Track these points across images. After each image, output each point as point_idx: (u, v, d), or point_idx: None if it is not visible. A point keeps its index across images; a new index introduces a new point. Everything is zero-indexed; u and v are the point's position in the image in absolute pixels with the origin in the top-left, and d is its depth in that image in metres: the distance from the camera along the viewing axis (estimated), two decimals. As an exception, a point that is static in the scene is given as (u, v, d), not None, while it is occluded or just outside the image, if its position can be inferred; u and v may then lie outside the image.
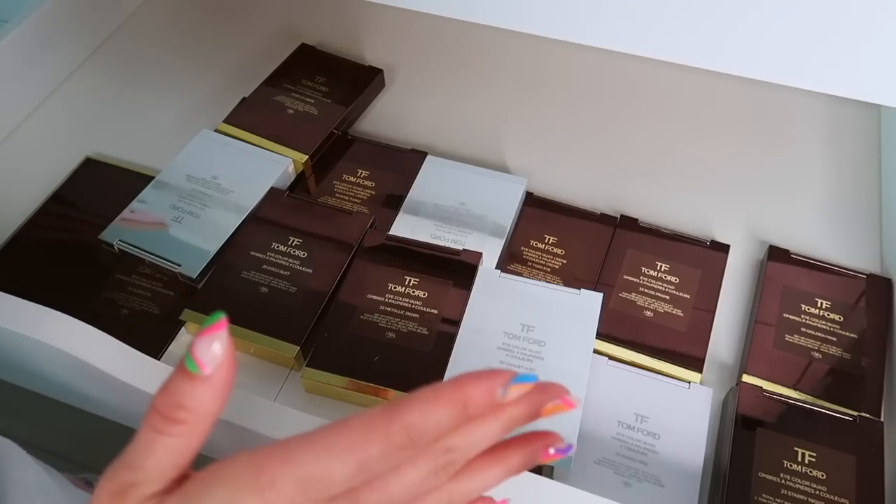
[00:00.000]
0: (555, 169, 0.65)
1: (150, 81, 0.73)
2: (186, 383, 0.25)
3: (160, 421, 0.25)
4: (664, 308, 0.54)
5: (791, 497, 0.44)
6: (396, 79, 0.73)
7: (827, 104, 0.70)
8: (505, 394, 0.27)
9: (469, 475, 0.29)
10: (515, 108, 0.70)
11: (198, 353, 0.24)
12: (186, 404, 0.25)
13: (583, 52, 0.73)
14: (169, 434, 0.25)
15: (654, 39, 0.36)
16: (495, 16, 0.38)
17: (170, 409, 0.25)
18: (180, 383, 0.25)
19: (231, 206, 0.58)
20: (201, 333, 0.25)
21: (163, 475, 0.25)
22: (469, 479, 0.29)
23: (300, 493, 0.25)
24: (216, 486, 0.25)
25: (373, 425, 0.25)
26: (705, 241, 0.58)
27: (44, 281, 0.56)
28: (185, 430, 0.25)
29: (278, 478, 0.24)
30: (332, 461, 0.25)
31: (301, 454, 0.25)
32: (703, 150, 0.67)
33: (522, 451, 0.30)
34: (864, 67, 0.33)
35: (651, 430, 0.49)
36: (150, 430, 0.25)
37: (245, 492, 0.24)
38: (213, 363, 0.25)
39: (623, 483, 0.47)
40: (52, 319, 0.44)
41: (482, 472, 0.29)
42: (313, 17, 0.79)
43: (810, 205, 0.63)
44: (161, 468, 0.25)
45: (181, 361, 0.25)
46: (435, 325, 0.52)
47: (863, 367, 0.51)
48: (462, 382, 0.27)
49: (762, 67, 0.35)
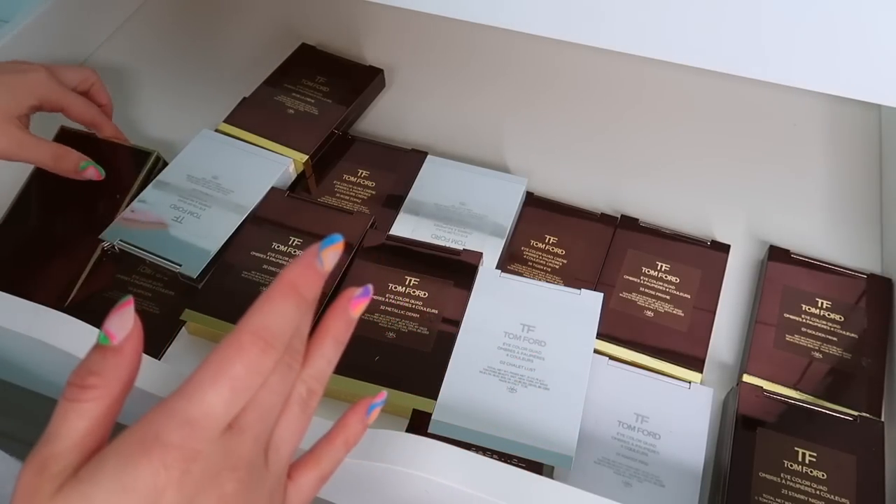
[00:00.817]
0: (555, 169, 0.65)
1: (150, 81, 0.73)
2: (97, 355, 0.27)
3: (73, 391, 0.26)
4: (664, 308, 0.54)
5: (791, 497, 0.44)
6: (396, 79, 0.73)
7: (827, 104, 0.70)
8: (323, 262, 0.29)
9: (312, 358, 0.31)
10: (516, 108, 0.70)
11: (108, 326, 0.27)
12: (95, 370, 0.27)
13: (583, 52, 0.73)
14: (81, 400, 0.26)
15: (654, 39, 0.36)
16: (495, 16, 0.38)
17: (81, 378, 0.26)
18: (91, 356, 0.27)
19: (231, 206, 0.58)
20: (111, 313, 0.27)
21: (79, 443, 0.26)
22: (314, 361, 0.31)
23: (189, 439, 0.25)
24: (108, 458, 0.25)
25: (227, 347, 0.27)
26: (705, 241, 0.58)
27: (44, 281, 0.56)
28: (97, 394, 0.26)
29: (161, 432, 0.25)
30: (205, 395, 0.26)
31: (176, 402, 0.26)
32: (703, 150, 0.67)
33: (336, 316, 0.32)
34: (865, 67, 0.33)
35: (651, 430, 0.49)
36: (65, 402, 0.26)
37: (134, 456, 0.25)
38: (121, 333, 0.27)
39: (623, 483, 0.47)
40: (52, 319, 0.44)
41: (320, 350, 0.31)
42: (313, 17, 0.79)
43: (810, 205, 0.63)
44: (76, 434, 0.26)
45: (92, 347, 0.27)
46: (435, 325, 0.52)
47: (863, 367, 0.51)
48: (283, 272, 0.28)
49: (763, 68, 0.35)
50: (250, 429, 0.28)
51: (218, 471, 0.27)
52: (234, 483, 0.27)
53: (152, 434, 0.25)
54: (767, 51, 0.34)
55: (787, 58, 0.34)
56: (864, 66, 0.33)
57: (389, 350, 0.51)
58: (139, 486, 0.25)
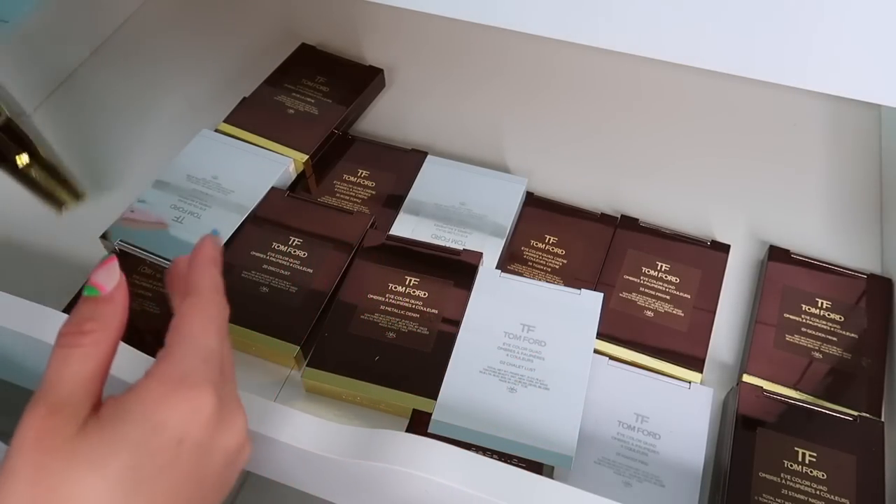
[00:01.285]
0: (555, 169, 0.65)
1: (150, 81, 0.73)
2: (89, 305, 0.28)
3: (70, 338, 0.27)
4: (664, 308, 0.54)
5: (791, 497, 0.44)
6: (396, 79, 0.73)
7: (827, 104, 0.70)
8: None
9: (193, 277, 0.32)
10: (515, 107, 0.70)
11: (97, 279, 0.28)
12: (92, 317, 0.28)
13: (583, 51, 0.73)
14: (82, 345, 0.27)
15: (654, 39, 0.36)
16: (495, 16, 0.38)
17: (77, 326, 0.27)
18: (83, 308, 0.28)
19: (232, 206, 0.58)
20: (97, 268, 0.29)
21: (86, 385, 0.27)
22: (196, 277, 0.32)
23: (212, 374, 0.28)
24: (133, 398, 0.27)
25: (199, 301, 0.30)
26: (705, 241, 0.58)
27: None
28: (97, 337, 0.27)
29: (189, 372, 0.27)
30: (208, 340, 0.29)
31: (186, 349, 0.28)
32: (703, 150, 0.67)
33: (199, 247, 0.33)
34: (865, 67, 0.33)
35: (651, 430, 0.49)
36: (62, 349, 0.27)
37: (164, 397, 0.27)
38: (110, 284, 0.28)
39: (623, 483, 0.47)
40: (52, 319, 0.44)
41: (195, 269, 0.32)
42: (313, 17, 0.79)
43: (811, 205, 0.63)
44: (81, 377, 0.27)
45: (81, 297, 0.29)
46: (435, 325, 0.52)
47: (863, 367, 0.51)
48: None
49: (762, 68, 0.35)
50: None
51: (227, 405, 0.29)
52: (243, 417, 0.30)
53: (179, 372, 0.27)
54: (767, 51, 0.34)
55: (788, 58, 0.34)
56: (864, 66, 0.33)
57: (389, 350, 0.51)
58: (171, 423, 0.26)
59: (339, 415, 0.51)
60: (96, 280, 0.28)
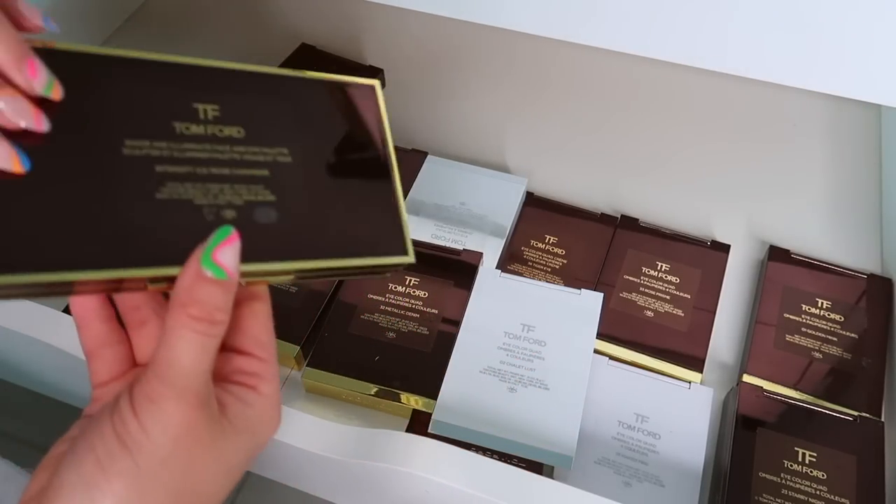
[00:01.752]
0: (555, 169, 0.65)
1: (151, 81, 0.73)
2: (217, 290, 0.25)
3: (205, 325, 0.25)
4: (664, 308, 0.54)
5: (791, 497, 0.44)
6: (396, 79, 0.73)
7: (827, 104, 0.70)
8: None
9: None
10: (515, 107, 0.70)
11: (225, 260, 0.25)
12: (221, 306, 0.26)
13: (583, 52, 0.73)
14: (211, 335, 0.25)
15: (654, 40, 0.36)
16: (495, 16, 0.38)
17: (211, 314, 0.25)
18: (212, 291, 0.25)
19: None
20: (222, 244, 0.25)
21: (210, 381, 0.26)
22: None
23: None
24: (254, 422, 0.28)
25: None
26: (705, 241, 0.58)
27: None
28: (223, 330, 0.26)
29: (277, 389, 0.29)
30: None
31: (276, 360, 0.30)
32: (703, 150, 0.67)
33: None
34: (865, 68, 0.33)
35: (651, 430, 0.49)
36: (200, 335, 0.25)
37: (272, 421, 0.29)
38: (234, 266, 0.26)
39: (623, 483, 0.47)
40: (52, 319, 0.44)
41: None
42: (313, 17, 0.79)
43: (811, 205, 0.63)
44: (210, 371, 0.26)
45: (201, 273, 0.25)
46: (435, 325, 0.52)
47: (863, 367, 0.51)
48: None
49: (763, 68, 0.35)
50: None
51: None
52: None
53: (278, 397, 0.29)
54: (767, 51, 0.34)
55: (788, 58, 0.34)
56: (864, 66, 0.33)
57: (389, 350, 0.51)
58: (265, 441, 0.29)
59: (339, 415, 0.51)
60: (224, 261, 0.25)
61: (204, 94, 0.28)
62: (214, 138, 0.28)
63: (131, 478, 0.24)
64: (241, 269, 0.26)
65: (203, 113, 0.28)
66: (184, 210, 0.26)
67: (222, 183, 0.27)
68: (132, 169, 0.26)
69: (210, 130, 0.28)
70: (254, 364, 0.28)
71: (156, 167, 0.26)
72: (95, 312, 0.29)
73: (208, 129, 0.28)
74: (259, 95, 0.30)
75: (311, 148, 0.30)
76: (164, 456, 0.25)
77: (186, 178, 0.27)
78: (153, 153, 0.26)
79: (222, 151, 0.28)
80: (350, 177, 0.31)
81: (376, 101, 0.32)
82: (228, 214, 0.27)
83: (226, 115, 0.28)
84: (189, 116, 0.27)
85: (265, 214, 0.28)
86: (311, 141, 0.30)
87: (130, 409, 0.25)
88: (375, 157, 0.31)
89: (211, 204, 0.27)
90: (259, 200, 0.28)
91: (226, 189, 0.27)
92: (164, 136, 0.27)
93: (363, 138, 0.32)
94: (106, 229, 0.25)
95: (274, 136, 0.29)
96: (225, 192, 0.27)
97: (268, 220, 0.28)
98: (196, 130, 0.28)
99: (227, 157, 0.28)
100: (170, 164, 0.26)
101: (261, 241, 0.27)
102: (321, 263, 0.28)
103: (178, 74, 0.28)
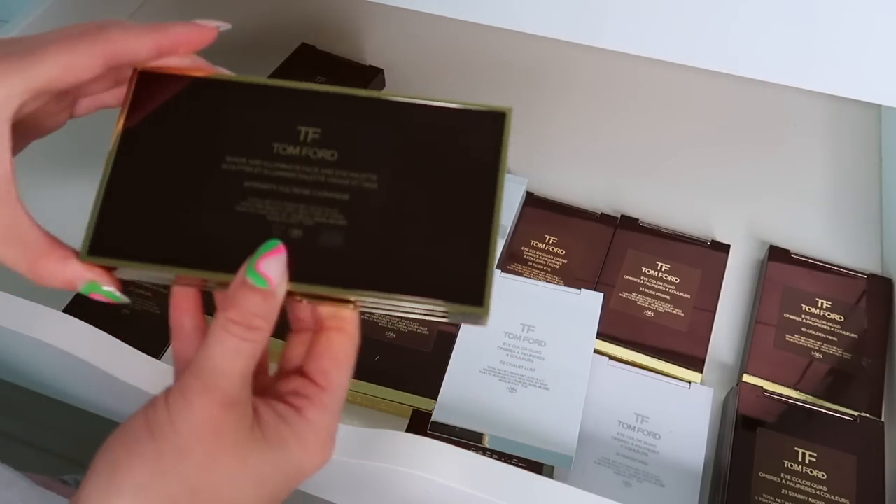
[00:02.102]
0: (555, 169, 0.65)
1: (151, 81, 0.73)
2: (256, 296, 0.27)
3: (241, 330, 0.26)
4: (664, 308, 0.54)
5: (791, 497, 0.44)
6: (396, 79, 0.73)
7: (827, 104, 0.70)
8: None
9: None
10: (515, 108, 0.70)
11: (267, 270, 0.27)
12: (261, 313, 0.27)
13: (583, 52, 0.73)
14: (248, 340, 0.26)
15: (654, 40, 0.36)
16: (495, 16, 0.38)
17: (248, 319, 0.26)
18: (250, 297, 0.27)
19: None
20: (266, 255, 0.27)
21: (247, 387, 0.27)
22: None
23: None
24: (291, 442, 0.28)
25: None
26: (705, 241, 0.58)
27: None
28: (261, 336, 0.27)
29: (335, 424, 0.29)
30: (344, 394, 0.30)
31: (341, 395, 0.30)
32: (703, 150, 0.67)
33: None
34: (865, 67, 0.33)
35: (651, 430, 0.49)
36: (234, 338, 0.26)
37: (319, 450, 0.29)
38: (278, 277, 0.27)
39: (623, 483, 0.47)
40: (52, 319, 0.44)
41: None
42: (313, 17, 0.79)
43: (811, 205, 0.63)
44: (246, 376, 0.27)
45: (244, 280, 0.27)
46: (435, 325, 0.52)
47: (863, 367, 0.51)
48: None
49: (763, 68, 0.35)
50: None
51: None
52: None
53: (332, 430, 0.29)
54: (767, 51, 0.34)
55: (788, 58, 0.34)
56: (864, 66, 0.33)
57: (389, 350, 0.51)
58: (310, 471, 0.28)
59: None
60: (266, 270, 0.27)
61: (310, 117, 0.30)
62: (306, 160, 0.29)
63: (152, 463, 0.25)
64: (293, 287, 0.27)
65: (304, 135, 0.30)
66: (255, 224, 0.28)
67: (299, 203, 0.29)
68: (224, 182, 0.29)
69: (304, 152, 0.29)
70: (309, 388, 0.29)
71: (244, 182, 0.29)
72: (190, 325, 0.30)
73: (303, 151, 0.29)
74: (366, 120, 0.30)
75: (404, 176, 0.29)
76: (184, 447, 0.25)
77: (267, 194, 0.29)
78: (246, 169, 0.29)
79: (309, 173, 0.29)
80: (441, 210, 0.29)
81: (501, 131, 0.30)
82: (295, 233, 0.28)
83: (325, 139, 0.29)
84: (289, 138, 0.29)
85: (331, 238, 0.28)
86: (406, 168, 0.29)
87: (164, 399, 0.26)
88: (478, 193, 0.29)
89: (282, 221, 0.28)
90: (329, 223, 0.28)
91: (301, 209, 0.28)
92: (260, 155, 0.29)
93: (469, 171, 0.29)
94: (189, 232, 0.28)
95: (366, 161, 0.29)
96: (299, 212, 0.28)
97: (332, 244, 0.28)
98: (291, 151, 0.29)
99: (313, 178, 0.29)
100: (257, 180, 0.29)
101: (319, 264, 0.28)
102: (380, 296, 0.28)
103: (290, 98, 0.30)
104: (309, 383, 0.29)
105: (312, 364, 0.29)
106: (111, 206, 0.29)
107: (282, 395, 0.29)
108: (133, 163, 0.30)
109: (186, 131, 0.30)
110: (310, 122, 0.30)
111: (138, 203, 0.29)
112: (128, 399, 0.45)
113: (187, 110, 0.30)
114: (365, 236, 0.28)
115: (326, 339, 0.30)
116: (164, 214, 0.29)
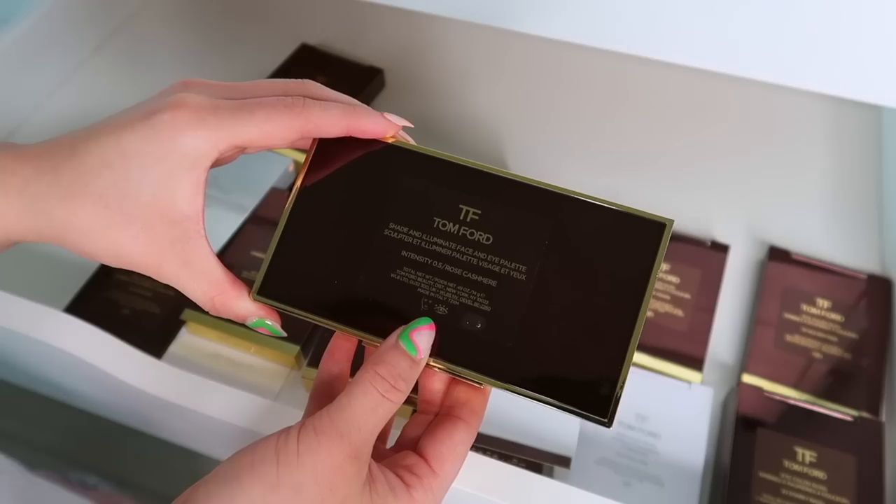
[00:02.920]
0: (554, 169, 0.65)
1: (151, 82, 0.73)
2: (405, 361, 0.29)
3: (385, 386, 0.28)
4: (664, 308, 0.54)
5: (791, 497, 0.44)
6: (396, 79, 0.73)
7: (827, 104, 0.70)
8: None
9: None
10: (516, 107, 0.70)
11: (420, 341, 0.29)
12: (405, 377, 0.29)
13: (583, 52, 0.73)
14: (390, 399, 0.28)
15: (654, 40, 0.36)
16: (495, 16, 0.38)
17: (394, 380, 0.28)
18: (400, 361, 0.29)
19: (232, 206, 0.58)
20: (422, 328, 0.29)
21: (373, 442, 0.28)
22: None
23: None
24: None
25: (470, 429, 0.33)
26: (705, 241, 0.58)
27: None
28: (400, 398, 0.29)
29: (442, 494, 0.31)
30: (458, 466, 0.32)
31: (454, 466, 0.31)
32: (703, 150, 0.67)
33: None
34: (865, 68, 0.33)
35: (651, 430, 0.49)
36: (377, 394, 0.28)
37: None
38: (425, 350, 0.29)
39: (623, 483, 0.47)
40: (52, 319, 0.44)
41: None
42: (313, 17, 0.79)
43: (810, 205, 0.63)
44: (377, 432, 0.28)
45: (397, 344, 0.29)
46: (435, 325, 0.52)
47: (863, 367, 0.51)
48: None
49: (763, 68, 0.35)
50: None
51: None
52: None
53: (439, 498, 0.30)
54: (768, 52, 0.34)
55: (788, 58, 0.34)
56: (864, 66, 0.33)
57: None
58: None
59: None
60: (419, 341, 0.29)
61: (473, 197, 0.31)
62: (463, 239, 0.30)
63: (270, 488, 0.27)
64: (432, 361, 0.29)
65: (464, 214, 0.31)
66: (405, 294, 0.30)
67: (449, 280, 0.30)
68: (385, 248, 0.31)
69: (462, 231, 0.30)
70: (422, 469, 0.30)
71: (402, 251, 0.31)
72: (336, 371, 0.33)
73: (461, 230, 0.30)
74: (525, 209, 0.31)
75: (552, 273, 0.30)
76: (301, 484, 0.27)
77: (421, 267, 0.30)
78: (406, 239, 0.31)
79: (463, 253, 0.30)
80: (583, 313, 0.29)
81: (657, 242, 0.30)
82: (440, 310, 0.30)
83: (484, 221, 0.30)
84: (450, 215, 0.31)
85: (473, 321, 0.30)
86: (554, 265, 0.30)
87: (297, 431, 0.28)
88: (622, 304, 0.29)
89: (430, 296, 0.30)
90: (473, 306, 0.30)
91: (449, 287, 0.30)
92: (421, 227, 0.31)
93: (618, 278, 0.29)
94: (346, 291, 0.31)
95: (519, 251, 0.30)
96: (447, 290, 0.30)
97: (473, 327, 0.29)
98: (450, 228, 0.31)
99: (466, 259, 0.30)
100: (414, 251, 0.31)
101: (457, 344, 0.29)
102: (507, 387, 0.29)
103: (457, 174, 0.32)
104: (423, 464, 0.30)
105: (430, 447, 0.31)
106: (282, 254, 0.32)
107: (396, 466, 0.30)
108: (306, 218, 0.32)
109: (357, 194, 0.32)
110: (472, 202, 0.31)
111: (306, 255, 0.31)
112: (128, 399, 0.45)
113: (360, 174, 0.32)
114: (505, 326, 0.29)
115: (451, 426, 0.31)
116: (327, 269, 0.31)
